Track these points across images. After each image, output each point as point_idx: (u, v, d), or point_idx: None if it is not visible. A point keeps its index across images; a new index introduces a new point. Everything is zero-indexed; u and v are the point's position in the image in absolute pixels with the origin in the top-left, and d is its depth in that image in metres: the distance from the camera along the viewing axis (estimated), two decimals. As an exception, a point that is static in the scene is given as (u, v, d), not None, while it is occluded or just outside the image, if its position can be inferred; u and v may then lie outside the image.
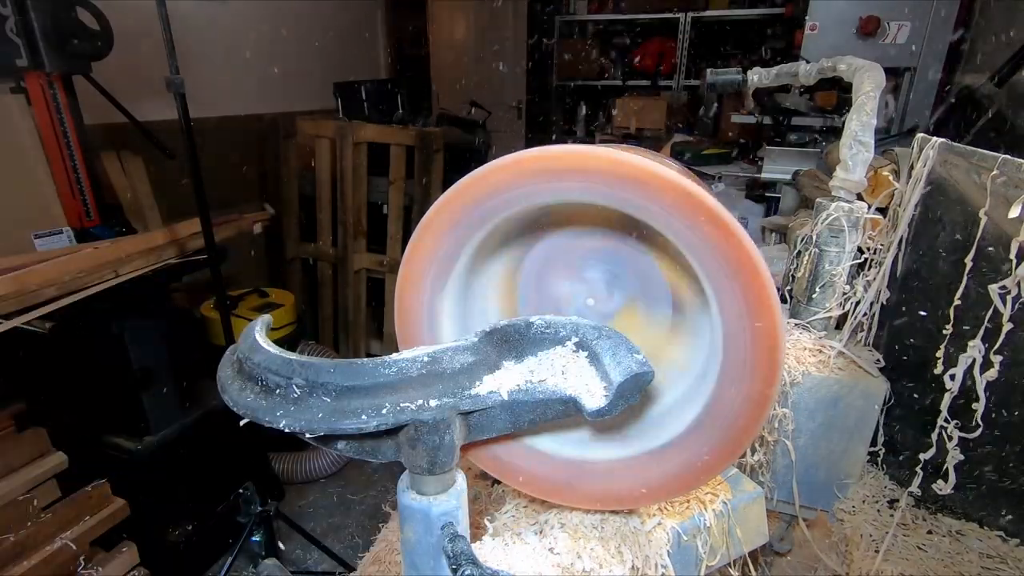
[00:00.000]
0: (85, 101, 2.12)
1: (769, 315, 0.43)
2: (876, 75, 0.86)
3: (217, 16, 3.18)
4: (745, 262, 0.42)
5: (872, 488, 0.86)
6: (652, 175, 0.42)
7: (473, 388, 0.41)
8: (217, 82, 3.20)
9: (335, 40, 4.07)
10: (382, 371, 0.38)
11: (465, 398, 0.40)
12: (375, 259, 3.24)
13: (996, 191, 0.64)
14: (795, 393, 0.82)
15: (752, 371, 0.45)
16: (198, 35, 2.96)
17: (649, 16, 4.16)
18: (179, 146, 2.43)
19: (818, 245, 0.86)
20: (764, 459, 0.87)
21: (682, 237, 0.44)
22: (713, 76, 1.31)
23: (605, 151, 0.43)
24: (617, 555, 0.57)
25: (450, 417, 0.39)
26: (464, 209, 0.48)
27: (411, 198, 3.10)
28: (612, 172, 0.43)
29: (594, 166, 0.44)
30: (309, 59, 3.83)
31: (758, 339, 0.44)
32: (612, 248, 0.55)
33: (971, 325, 0.69)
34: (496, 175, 0.47)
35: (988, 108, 1.70)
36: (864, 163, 0.82)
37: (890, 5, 2.43)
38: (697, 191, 0.42)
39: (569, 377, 0.44)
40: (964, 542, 0.78)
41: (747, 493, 0.65)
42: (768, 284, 0.43)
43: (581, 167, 0.44)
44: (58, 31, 1.88)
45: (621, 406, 0.43)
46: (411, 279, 0.53)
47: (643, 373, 0.42)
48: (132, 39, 2.25)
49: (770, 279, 0.43)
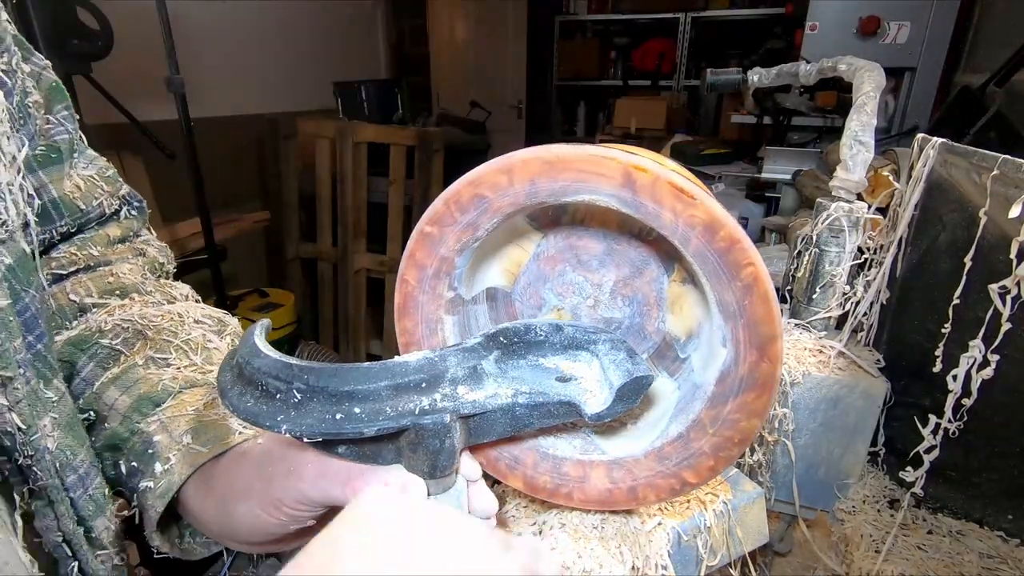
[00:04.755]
0: (85, 101, 2.12)
1: (769, 316, 0.43)
2: (876, 75, 0.86)
3: (217, 16, 3.18)
4: (744, 262, 0.42)
5: (872, 488, 0.86)
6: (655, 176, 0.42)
7: (474, 392, 0.41)
8: (217, 82, 3.20)
9: (335, 40, 4.07)
10: (383, 375, 0.38)
11: (466, 402, 0.40)
12: (375, 259, 3.24)
13: (996, 191, 0.64)
14: (795, 393, 0.82)
15: (752, 371, 0.45)
16: (198, 35, 2.96)
17: (649, 16, 4.17)
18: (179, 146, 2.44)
19: (818, 245, 0.86)
20: (764, 459, 0.87)
21: (679, 235, 0.44)
22: (713, 76, 1.31)
23: (612, 151, 0.43)
24: (617, 555, 0.57)
25: (451, 421, 0.39)
26: (464, 209, 0.48)
27: (411, 198, 3.10)
28: (617, 173, 0.43)
29: (596, 167, 0.44)
30: (309, 59, 3.83)
31: (758, 339, 0.44)
32: (616, 251, 0.55)
33: (972, 325, 0.69)
34: (496, 175, 0.47)
35: (988, 108, 1.70)
36: (864, 163, 0.82)
37: (890, 5, 2.43)
38: (689, 187, 0.42)
39: (569, 380, 0.44)
40: (964, 542, 0.78)
41: (747, 493, 0.65)
42: (768, 284, 0.43)
43: (582, 167, 0.44)
44: (58, 31, 1.88)
45: (621, 409, 0.43)
46: (411, 279, 0.53)
47: (643, 376, 0.43)
48: (132, 39, 2.25)
49: (769, 279, 0.43)
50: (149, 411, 0.48)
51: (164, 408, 0.48)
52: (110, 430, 0.48)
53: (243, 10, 3.32)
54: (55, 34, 1.87)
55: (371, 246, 3.26)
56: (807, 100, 2.68)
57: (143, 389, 0.48)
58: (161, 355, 0.51)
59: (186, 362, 0.52)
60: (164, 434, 0.46)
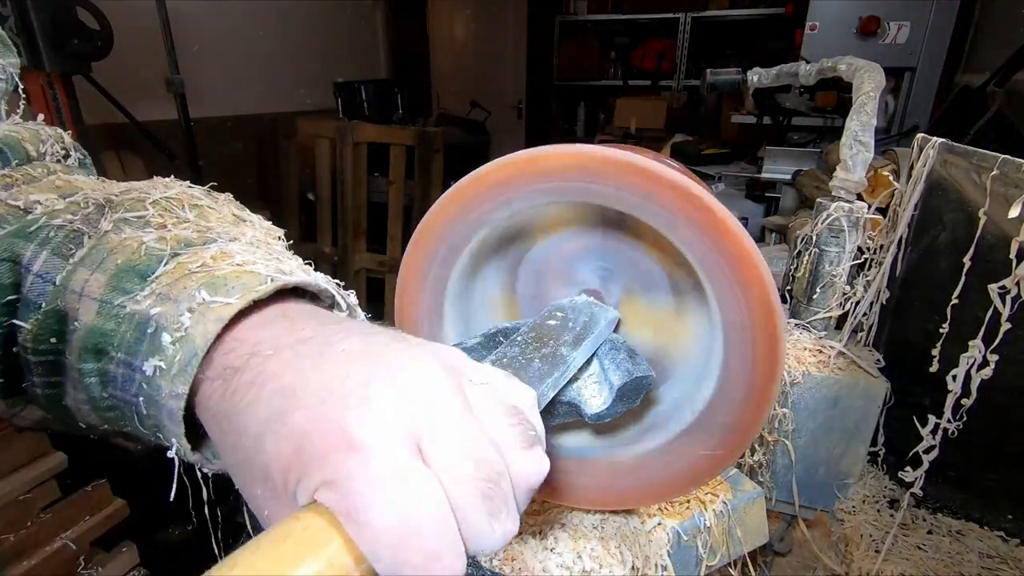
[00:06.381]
0: (85, 101, 2.12)
1: (769, 315, 0.43)
2: (876, 75, 0.86)
3: (217, 16, 3.18)
4: (745, 262, 0.42)
5: (872, 488, 0.86)
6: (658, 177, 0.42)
7: (474, 390, 0.41)
8: (217, 82, 3.20)
9: (335, 40, 4.07)
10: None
11: None
12: (375, 259, 3.24)
13: (996, 191, 0.64)
14: (795, 393, 0.82)
15: (752, 371, 0.45)
16: (198, 35, 2.96)
17: (649, 16, 4.16)
18: (179, 146, 2.44)
19: (818, 245, 0.86)
20: (764, 459, 0.87)
21: (683, 238, 0.44)
22: (713, 76, 1.31)
23: (610, 151, 0.43)
24: (617, 555, 0.57)
25: None
26: (464, 209, 0.48)
27: (411, 198, 3.10)
28: (618, 173, 0.43)
29: (597, 167, 0.44)
30: (309, 59, 3.83)
31: (758, 339, 0.44)
32: (600, 243, 0.55)
33: (971, 325, 0.69)
34: (496, 174, 0.47)
35: (988, 108, 1.70)
36: (864, 163, 0.82)
37: (890, 5, 2.43)
38: (700, 193, 0.42)
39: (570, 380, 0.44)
40: (964, 542, 0.78)
41: (747, 493, 0.65)
42: (768, 284, 0.43)
43: (582, 167, 0.44)
44: (58, 31, 1.88)
45: (621, 409, 0.43)
46: (411, 279, 0.53)
47: (643, 376, 0.43)
48: (132, 39, 2.25)
49: (771, 279, 0.43)
50: (135, 286, 0.33)
51: (157, 277, 0.33)
52: (82, 328, 0.33)
53: (243, 10, 3.32)
54: (55, 34, 1.87)
55: (371, 246, 3.26)
56: (807, 100, 2.68)
57: (120, 259, 0.34)
58: (136, 214, 0.36)
59: (173, 219, 0.37)
60: (166, 304, 0.31)
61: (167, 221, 0.36)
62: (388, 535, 0.23)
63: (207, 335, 0.30)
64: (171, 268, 0.33)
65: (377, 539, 0.23)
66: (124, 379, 0.32)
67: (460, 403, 0.27)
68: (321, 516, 0.23)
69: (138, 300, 0.32)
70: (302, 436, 0.25)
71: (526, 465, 0.28)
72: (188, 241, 0.35)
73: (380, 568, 0.23)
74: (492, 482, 0.26)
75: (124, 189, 0.39)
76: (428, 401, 0.26)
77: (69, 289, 0.34)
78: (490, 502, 0.25)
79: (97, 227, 0.37)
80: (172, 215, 0.37)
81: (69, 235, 0.36)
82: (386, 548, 0.23)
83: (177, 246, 0.34)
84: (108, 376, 0.33)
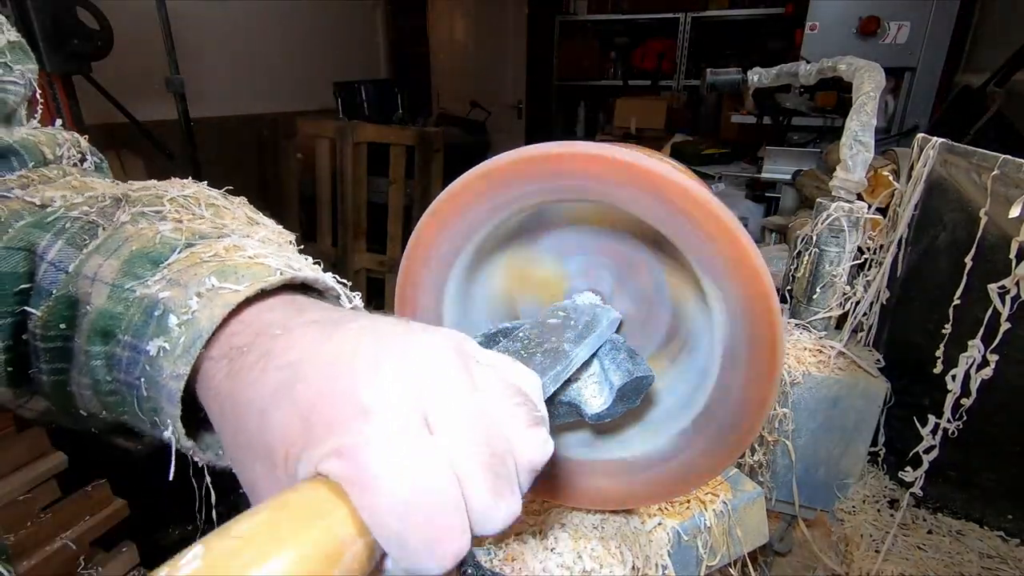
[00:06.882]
0: (85, 101, 2.12)
1: (769, 315, 0.43)
2: (876, 75, 0.87)
3: (217, 16, 3.18)
4: (744, 261, 0.42)
5: (872, 488, 0.86)
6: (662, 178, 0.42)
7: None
8: (217, 82, 3.21)
9: (335, 40, 4.07)
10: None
11: None
12: (375, 259, 3.24)
13: (996, 191, 0.64)
14: (795, 393, 0.82)
15: (752, 371, 0.45)
16: (198, 35, 2.96)
17: (649, 16, 4.16)
18: (179, 146, 2.44)
19: (818, 245, 0.86)
20: (764, 459, 0.87)
21: (679, 233, 0.44)
22: (713, 76, 1.31)
23: (614, 151, 0.43)
24: (617, 555, 0.57)
25: None
26: (464, 207, 0.48)
27: (411, 198, 3.10)
28: (619, 173, 0.43)
29: (599, 168, 0.44)
30: (309, 59, 3.83)
31: (758, 339, 0.44)
32: (615, 250, 0.55)
33: (971, 325, 0.69)
34: (497, 173, 0.47)
35: (988, 108, 1.70)
36: (864, 163, 0.82)
37: (890, 5, 2.43)
38: (698, 189, 0.42)
39: (570, 380, 0.44)
40: (964, 542, 0.78)
41: (747, 493, 0.65)
42: (768, 283, 0.43)
43: (583, 167, 0.44)
44: (58, 31, 1.88)
45: (621, 409, 0.43)
46: (411, 279, 0.53)
47: (643, 377, 0.43)
48: (132, 39, 2.25)
49: (770, 278, 0.43)
50: (147, 271, 0.33)
51: (169, 264, 0.33)
52: (94, 311, 0.33)
53: (243, 10, 3.32)
54: (55, 34, 1.87)
55: (371, 246, 3.26)
56: (807, 100, 2.68)
57: (136, 246, 0.34)
58: (154, 208, 0.37)
59: (189, 215, 0.38)
60: (175, 289, 0.32)
61: (183, 216, 0.38)
62: (398, 503, 0.22)
63: (213, 318, 0.30)
64: (184, 256, 0.34)
65: (386, 507, 0.22)
66: (129, 361, 0.32)
67: (467, 380, 0.27)
68: (325, 486, 0.22)
69: (148, 285, 0.33)
70: (309, 407, 0.25)
71: (531, 444, 0.27)
72: (203, 234, 0.36)
73: (383, 539, 0.23)
74: (498, 458, 0.25)
75: (142, 186, 0.40)
76: (436, 377, 0.26)
77: (82, 275, 0.34)
78: (496, 479, 0.25)
79: (113, 219, 0.37)
80: (188, 211, 0.38)
81: (85, 226, 0.37)
82: (394, 517, 0.22)
83: (192, 237, 0.35)
84: (114, 359, 0.33)
